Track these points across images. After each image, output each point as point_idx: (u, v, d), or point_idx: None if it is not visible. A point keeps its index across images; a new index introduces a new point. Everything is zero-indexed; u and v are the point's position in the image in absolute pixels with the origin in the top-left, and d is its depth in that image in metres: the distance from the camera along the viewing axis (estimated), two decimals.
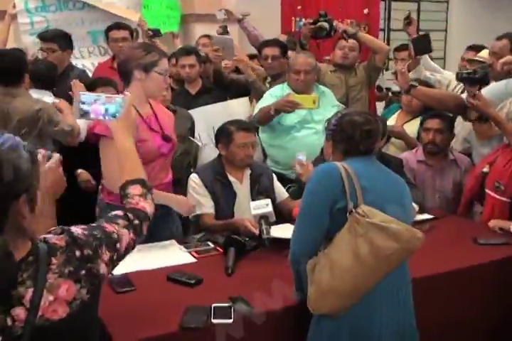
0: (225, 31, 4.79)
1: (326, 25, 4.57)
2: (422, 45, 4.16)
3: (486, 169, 3.23)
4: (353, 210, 1.98)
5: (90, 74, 4.54)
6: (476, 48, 4.52)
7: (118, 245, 1.45)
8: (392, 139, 4.10)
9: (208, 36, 5.19)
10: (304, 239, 2.06)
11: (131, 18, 4.72)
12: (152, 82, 2.69)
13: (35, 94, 3.59)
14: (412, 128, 4.06)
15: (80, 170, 3.64)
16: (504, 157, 3.16)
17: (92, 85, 3.60)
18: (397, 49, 5.18)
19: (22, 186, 1.21)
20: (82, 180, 3.64)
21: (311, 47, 4.91)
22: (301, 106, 3.57)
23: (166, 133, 2.82)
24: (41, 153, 1.58)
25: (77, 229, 1.37)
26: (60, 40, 4.20)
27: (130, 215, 1.59)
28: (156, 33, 4.83)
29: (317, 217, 2.04)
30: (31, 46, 4.54)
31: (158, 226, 2.76)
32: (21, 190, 1.20)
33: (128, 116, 1.96)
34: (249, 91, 4.36)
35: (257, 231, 2.70)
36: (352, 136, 2.14)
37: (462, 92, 4.09)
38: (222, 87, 4.46)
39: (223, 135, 3.15)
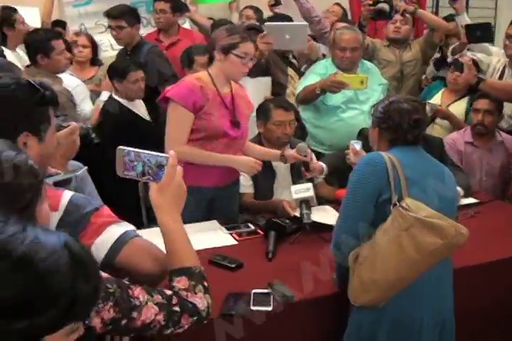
0: (278, 2, 4.66)
1: (386, 7, 4.43)
2: (480, 33, 3.97)
3: None
4: (397, 203, 1.95)
5: None
6: None
7: (134, 314, 1.29)
8: (438, 120, 4.00)
9: (253, 8, 5.11)
10: (347, 229, 2.03)
11: None
12: (230, 65, 2.75)
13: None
14: (458, 108, 3.97)
15: None
16: None
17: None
18: (445, 19, 5.02)
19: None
20: None
21: (370, 30, 4.78)
22: (348, 87, 3.49)
23: (237, 117, 2.84)
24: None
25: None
26: (127, 15, 4.09)
27: (174, 299, 1.37)
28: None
29: (361, 207, 2.01)
30: (75, 19, 4.57)
31: (224, 206, 2.93)
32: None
33: (170, 183, 1.46)
34: None
35: (293, 213, 2.72)
36: (400, 125, 2.09)
37: (504, 69, 3.99)
38: None
39: (262, 112, 3.16)
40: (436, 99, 4.10)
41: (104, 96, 3.71)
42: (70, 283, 0.92)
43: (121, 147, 1.46)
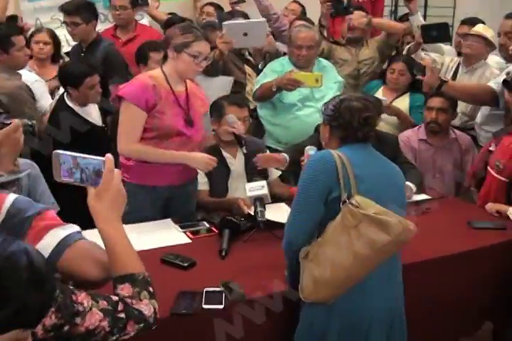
0: None
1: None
2: (437, 33, 4.03)
3: (492, 147, 3.23)
4: (347, 200, 1.98)
5: None
6: (470, 22, 4.39)
7: (77, 320, 1.25)
8: (384, 116, 4.04)
9: (213, 4, 5.08)
10: (298, 227, 2.06)
11: None
12: (183, 63, 2.73)
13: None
14: (401, 105, 4.06)
15: None
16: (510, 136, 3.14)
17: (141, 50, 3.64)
18: (402, 18, 5.11)
19: None
20: None
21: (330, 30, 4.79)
22: (303, 85, 3.52)
23: (191, 116, 2.84)
24: None
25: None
26: (83, 11, 3.95)
27: (120, 305, 1.33)
28: None
29: (312, 205, 2.04)
30: (30, 13, 4.49)
31: (180, 205, 2.92)
32: None
33: (108, 188, 1.40)
34: None
35: (247, 210, 2.74)
36: (350, 123, 2.12)
37: (457, 67, 4.07)
38: None
39: (215, 109, 3.15)
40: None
41: None
42: (23, 288, 0.92)
43: (57, 151, 1.41)
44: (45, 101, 3.60)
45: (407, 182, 3.11)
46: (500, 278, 2.71)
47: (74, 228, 1.49)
